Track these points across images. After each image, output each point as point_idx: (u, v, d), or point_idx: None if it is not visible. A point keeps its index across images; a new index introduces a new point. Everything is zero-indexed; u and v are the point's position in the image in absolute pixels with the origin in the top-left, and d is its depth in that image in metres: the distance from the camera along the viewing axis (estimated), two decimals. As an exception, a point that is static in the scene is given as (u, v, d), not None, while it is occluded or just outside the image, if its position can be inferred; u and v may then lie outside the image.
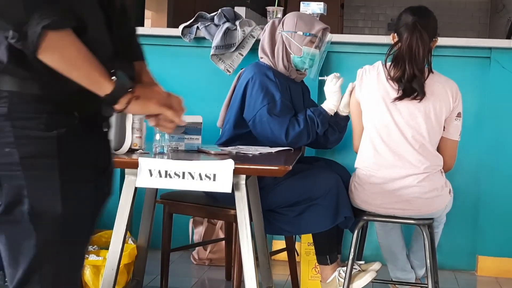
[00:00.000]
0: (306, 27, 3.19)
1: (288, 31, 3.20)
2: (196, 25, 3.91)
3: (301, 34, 3.18)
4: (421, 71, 2.88)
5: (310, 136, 3.10)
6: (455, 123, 2.96)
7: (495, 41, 3.84)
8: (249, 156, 2.79)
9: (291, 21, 3.21)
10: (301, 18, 3.23)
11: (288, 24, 3.21)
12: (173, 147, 2.83)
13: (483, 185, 3.83)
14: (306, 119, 3.09)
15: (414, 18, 2.88)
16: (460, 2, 9.55)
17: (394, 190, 2.90)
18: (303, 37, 3.18)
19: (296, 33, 3.18)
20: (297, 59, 3.19)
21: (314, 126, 3.10)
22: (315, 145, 3.36)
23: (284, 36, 3.20)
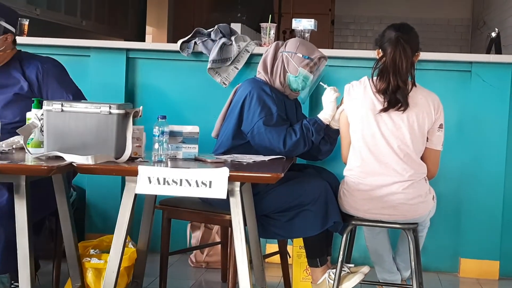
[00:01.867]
0: (307, 51, 3.23)
1: (289, 52, 3.23)
2: (193, 40, 3.91)
3: (300, 56, 3.21)
4: (405, 83, 2.89)
5: (306, 144, 3.11)
6: (438, 134, 2.97)
7: (475, 55, 3.85)
8: (244, 164, 2.79)
9: (293, 44, 3.25)
10: (303, 44, 3.28)
11: (290, 46, 3.25)
12: (171, 155, 2.82)
13: (464, 191, 3.83)
14: (302, 129, 3.10)
15: (397, 34, 2.89)
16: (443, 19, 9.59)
17: (381, 197, 2.90)
18: (302, 59, 3.21)
19: (296, 54, 3.21)
20: (292, 78, 3.21)
21: (310, 135, 3.11)
22: (307, 157, 3.36)
23: (284, 56, 3.23)
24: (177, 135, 2.85)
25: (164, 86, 4.03)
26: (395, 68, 2.87)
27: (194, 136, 2.88)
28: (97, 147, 2.60)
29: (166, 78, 4.03)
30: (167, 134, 2.72)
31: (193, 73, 3.99)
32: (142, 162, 2.64)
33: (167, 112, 3.12)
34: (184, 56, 3.91)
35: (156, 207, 3.13)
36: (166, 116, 2.74)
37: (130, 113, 2.67)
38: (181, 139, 2.85)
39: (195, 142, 2.88)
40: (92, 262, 3.10)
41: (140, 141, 2.73)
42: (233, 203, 2.56)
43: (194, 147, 2.88)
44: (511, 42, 6.45)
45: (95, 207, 4.02)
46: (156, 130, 2.69)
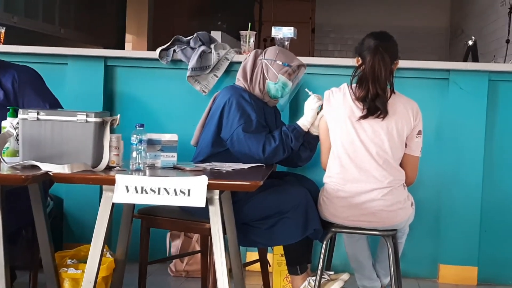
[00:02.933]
0: (286, 59, 3.25)
1: (269, 59, 3.24)
2: (173, 48, 3.90)
3: (279, 64, 3.22)
4: (384, 91, 2.90)
5: (285, 151, 3.11)
6: (416, 140, 2.98)
7: (453, 63, 3.88)
8: (223, 172, 2.78)
9: (273, 52, 3.27)
10: (283, 52, 3.30)
11: (269, 54, 3.26)
12: (149, 164, 2.81)
13: (443, 197, 3.84)
14: (281, 135, 3.10)
15: (376, 42, 2.90)
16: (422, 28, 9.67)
17: (360, 204, 2.90)
18: (281, 66, 3.22)
19: (275, 61, 3.23)
20: (271, 85, 3.22)
21: (289, 141, 3.11)
22: (286, 163, 3.36)
23: (264, 63, 3.24)
24: (155, 143, 2.83)
25: (143, 94, 4.01)
26: (374, 76, 2.88)
27: (173, 144, 2.86)
28: (73, 156, 2.58)
29: (145, 86, 4.01)
30: (145, 142, 2.70)
31: (172, 81, 3.97)
32: (120, 171, 2.62)
33: (146, 120, 3.10)
34: (163, 64, 3.90)
35: (134, 216, 3.10)
36: (144, 124, 2.72)
37: (107, 121, 2.65)
38: (159, 148, 2.84)
39: (174, 151, 2.86)
40: (69, 272, 3.06)
41: (117, 150, 2.71)
42: (212, 212, 2.55)
43: (173, 156, 2.86)
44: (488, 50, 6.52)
45: (73, 217, 3.99)
46: (134, 139, 2.67)
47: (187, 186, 2.44)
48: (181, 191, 2.44)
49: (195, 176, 2.48)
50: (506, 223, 3.85)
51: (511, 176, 3.84)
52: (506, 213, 3.85)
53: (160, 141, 2.84)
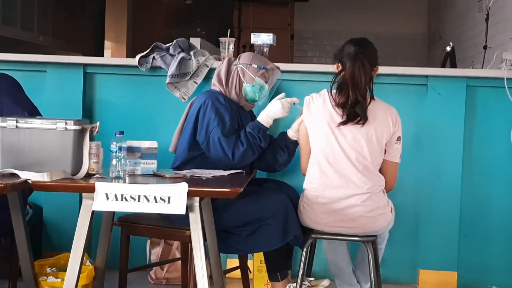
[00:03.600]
0: (261, 62, 3.30)
1: (244, 63, 3.27)
2: (152, 55, 3.89)
3: (255, 67, 3.27)
4: (364, 97, 2.91)
5: (255, 152, 3.14)
6: (396, 146, 3.00)
7: (431, 69, 3.90)
8: (203, 179, 2.79)
9: (247, 56, 3.31)
10: (257, 56, 3.36)
11: (244, 58, 3.31)
12: (129, 171, 2.80)
13: (422, 203, 3.86)
14: (247, 137, 3.13)
15: (356, 49, 2.92)
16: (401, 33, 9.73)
17: (340, 210, 2.91)
18: (257, 69, 3.26)
19: (251, 65, 3.27)
20: (248, 87, 3.24)
21: (257, 142, 3.14)
22: (263, 168, 3.38)
23: (239, 68, 3.28)
24: (135, 150, 2.83)
25: (122, 102, 3.99)
26: (354, 82, 2.89)
27: (153, 152, 2.86)
28: (53, 163, 2.57)
29: (124, 93, 3.99)
30: (125, 149, 2.70)
31: (152, 88, 3.96)
32: (100, 178, 2.62)
33: (125, 127, 3.09)
34: (142, 71, 3.89)
35: (114, 223, 3.09)
36: (123, 131, 2.71)
37: (86, 129, 2.64)
38: (139, 155, 2.84)
39: (154, 158, 2.86)
40: (49, 280, 3.04)
41: (97, 157, 2.70)
42: (192, 219, 2.55)
43: (153, 163, 2.86)
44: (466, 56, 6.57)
45: (52, 225, 3.95)
46: (114, 146, 2.67)
47: (167, 194, 2.44)
48: (161, 199, 2.44)
49: (175, 183, 2.48)
50: (485, 228, 3.88)
51: (490, 181, 3.86)
52: (485, 218, 3.88)
53: (140, 148, 2.84)
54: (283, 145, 3.28)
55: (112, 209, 2.45)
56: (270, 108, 3.20)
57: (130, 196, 2.44)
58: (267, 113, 3.20)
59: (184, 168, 3.14)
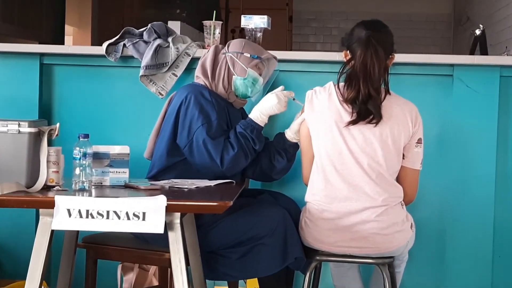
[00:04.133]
0: (254, 51, 3.31)
1: (234, 52, 3.28)
2: (122, 42, 3.88)
3: (248, 56, 3.28)
4: (377, 91, 2.92)
5: (248, 156, 3.15)
6: (416, 150, 3.01)
7: (457, 57, 3.91)
8: (184, 191, 2.79)
9: (238, 44, 3.32)
10: (249, 43, 3.36)
11: (235, 46, 3.31)
12: (96, 182, 2.81)
13: (448, 217, 3.86)
14: (238, 138, 3.13)
15: (368, 33, 2.93)
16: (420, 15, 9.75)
17: (350, 226, 2.92)
18: (250, 59, 3.27)
19: (242, 54, 3.28)
20: (239, 81, 3.25)
21: (250, 144, 3.14)
22: (259, 177, 3.38)
23: (228, 57, 3.29)
24: (103, 157, 2.83)
25: (87, 99, 3.99)
26: (366, 73, 2.90)
27: (124, 158, 2.87)
28: (3, 174, 2.58)
29: (89, 88, 3.99)
30: (90, 156, 2.70)
31: (123, 82, 3.96)
32: (60, 191, 2.62)
33: (91, 129, 3.09)
34: (111, 61, 3.88)
35: (78, 245, 3.09)
36: (89, 134, 2.71)
37: (44, 131, 2.64)
38: (108, 162, 2.84)
39: (125, 166, 2.87)
40: (0, 314, 3.04)
41: (57, 166, 2.71)
42: (172, 239, 2.55)
43: (124, 172, 2.87)
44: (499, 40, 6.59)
45: (4, 248, 3.95)
46: (77, 152, 2.67)
47: (141, 209, 2.44)
48: (135, 215, 2.44)
49: (151, 196, 2.48)
50: (524, 246, 3.89)
51: (529, 190, 3.88)
52: (524, 234, 3.89)
53: (109, 154, 2.85)
54: (280, 148, 3.28)
55: (76, 228, 2.45)
56: (263, 103, 3.21)
57: (97, 212, 2.44)
58: (261, 109, 3.20)
59: (162, 177, 3.15)
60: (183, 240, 2.56)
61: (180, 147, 3.16)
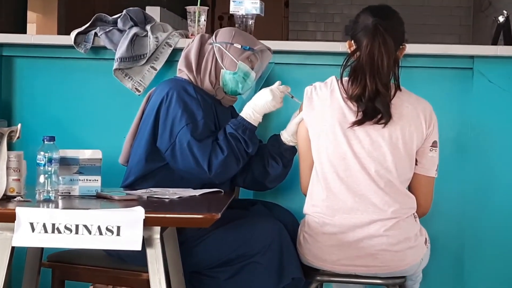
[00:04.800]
0: (246, 41, 3.32)
1: (223, 42, 3.28)
2: (93, 30, 3.88)
3: (238, 47, 3.29)
4: (386, 87, 2.93)
5: (239, 160, 3.16)
6: (430, 155, 3.01)
7: (478, 47, 3.90)
8: (165, 202, 2.79)
9: (227, 33, 3.34)
10: (240, 33, 3.38)
11: (223, 36, 3.33)
12: (63, 192, 2.81)
13: (467, 232, 3.86)
14: (228, 140, 3.13)
15: (375, 20, 2.93)
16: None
17: (355, 242, 2.93)
18: (241, 50, 3.29)
19: (232, 45, 3.30)
20: (228, 75, 3.26)
21: (242, 146, 3.14)
22: (250, 185, 3.39)
23: (216, 48, 3.30)
24: (71, 163, 2.83)
25: (52, 96, 3.99)
26: (373, 66, 2.91)
27: (96, 164, 2.87)
28: (-43, 182, 2.56)
29: (55, 84, 3.99)
30: (56, 162, 2.70)
31: (94, 76, 3.96)
32: (22, 202, 2.62)
33: (57, 131, 3.09)
34: (80, 53, 3.88)
35: (43, 264, 3.09)
36: (55, 137, 2.71)
37: (3, 133, 2.64)
38: (77, 169, 2.85)
39: (97, 173, 2.87)
40: None
41: (18, 173, 2.71)
42: (151, 257, 2.55)
43: (96, 180, 2.87)
44: (526, 28, 6.60)
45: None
46: (42, 157, 2.67)
47: (116, 222, 2.44)
48: (108, 229, 2.44)
49: (127, 208, 2.48)
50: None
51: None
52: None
53: (78, 159, 2.85)
54: (275, 152, 3.29)
55: (40, 244, 2.46)
56: (257, 100, 3.22)
57: (65, 226, 2.43)
58: (254, 106, 3.21)
59: (140, 186, 3.15)
60: (163, 258, 2.56)
61: (160, 151, 3.16)
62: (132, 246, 2.43)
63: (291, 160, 3.33)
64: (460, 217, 3.88)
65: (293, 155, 3.32)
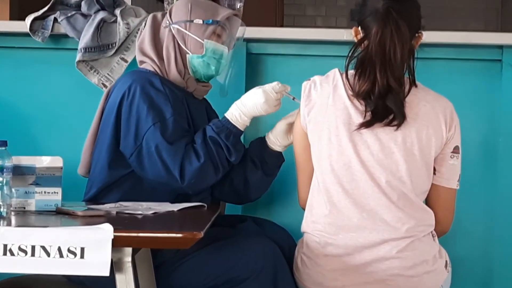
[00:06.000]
0: (206, 13, 3.30)
1: (180, 22, 3.28)
2: (53, 15, 3.89)
3: (200, 23, 3.28)
4: (399, 82, 2.93)
5: (218, 169, 3.16)
6: (451, 163, 3.02)
7: (508, 35, 3.92)
8: (138, 218, 2.79)
9: (182, 8, 3.32)
10: (197, 3, 3.33)
11: (178, 13, 3.32)
12: (17, 206, 2.81)
13: (496, 253, 3.87)
14: (206, 144, 3.14)
15: (387, 3, 2.94)
16: (457, -22, 9.79)
17: (363, 265, 2.94)
18: (204, 26, 3.28)
19: (192, 22, 3.28)
20: (196, 59, 3.27)
21: (223, 153, 3.15)
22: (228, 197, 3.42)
23: (174, 30, 3.29)
24: (26, 172, 2.84)
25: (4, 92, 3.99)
26: (385, 57, 2.91)
27: (55, 174, 2.87)
28: None
29: (7, 79, 3.99)
30: (9, 171, 2.70)
31: (53, 69, 3.97)
32: (-32, 219, 2.61)
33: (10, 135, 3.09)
34: (37, 42, 3.88)
35: (-8, 292, 3.09)
36: (6, 141, 2.71)
37: None
38: (33, 179, 2.85)
39: (57, 184, 2.88)
40: None
41: (-36, 184, 2.70)
42: (121, 283, 2.55)
43: (55, 192, 2.87)
44: None
45: None
46: (-9, 165, 2.67)
47: (79, 243, 2.44)
48: (70, 251, 2.44)
49: (92, 226, 2.48)
50: None
51: None
52: None
53: (34, 168, 2.85)
54: (256, 155, 3.28)
55: (-11, 268, 2.45)
56: (246, 99, 3.21)
57: (19, 247, 2.43)
58: (242, 107, 3.20)
59: (105, 198, 3.16)
60: (135, 285, 2.56)
61: (125, 156, 3.17)
62: (98, 271, 2.43)
63: (275, 169, 3.33)
64: (487, 237, 3.90)
65: (279, 163, 3.32)
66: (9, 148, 2.73)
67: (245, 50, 3.79)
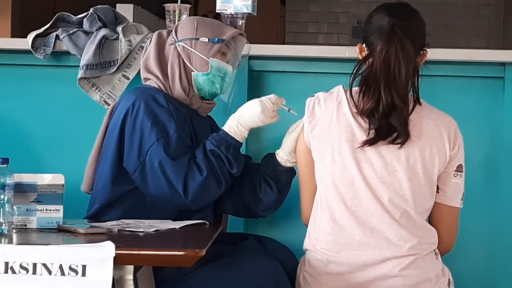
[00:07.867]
0: (212, 31, 3.31)
1: (186, 39, 3.29)
2: (55, 33, 3.89)
3: (206, 41, 3.28)
4: (404, 100, 2.93)
5: (221, 183, 3.16)
6: (455, 181, 3.02)
7: (510, 53, 3.92)
8: (139, 236, 2.79)
9: (188, 27, 3.33)
10: (204, 22, 3.36)
11: (184, 31, 3.33)
12: (18, 224, 2.81)
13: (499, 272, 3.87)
14: (208, 158, 3.13)
15: (392, 20, 2.94)
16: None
17: (365, 283, 2.93)
18: (209, 44, 3.28)
19: (198, 40, 3.29)
20: (201, 77, 3.27)
21: (225, 166, 3.15)
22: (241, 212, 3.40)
23: (180, 47, 3.30)
24: (28, 190, 2.83)
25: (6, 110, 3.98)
26: (389, 75, 2.91)
27: (57, 191, 2.87)
28: None
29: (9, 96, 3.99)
30: (10, 188, 2.70)
31: (55, 86, 3.97)
32: (-31, 237, 2.61)
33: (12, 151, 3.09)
34: (39, 59, 3.88)
35: (-7, 311, 3.08)
36: (8, 159, 2.71)
37: None
38: (34, 197, 2.85)
39: (59, 201, 2.87)
40: None
41: (-35, 201, 2.70)
42: (122, 301, 2.55)
43: (57, 210, 2.87)
44: None
45: None
46: (-8, 183, 2.67)
47: (81, 261, 2.44)
48: (72, 269, 2.44)
49: (94, 244, 2.48)
50: None
51: None
52: None
53: (36, 186, 2.85)
54: (269, 175, 3.28)
55: (-10, 286, 2.45)
56: (243, 111, 3.21)
57: (20, 265, 2.43)
58: (239, 119, 3.20)
59: (107, 216, 3.17)
60: (137, 303, 2.56)
61: (128, 172, 3.17)
62: (100, 289, 2.44)
63: (288, 184, 3.32)
64: (490, 256, 3.89)
65: (291, 178, 3.31)
66: (10, 165, 2.73)
67: (247, 67, 3.79)
